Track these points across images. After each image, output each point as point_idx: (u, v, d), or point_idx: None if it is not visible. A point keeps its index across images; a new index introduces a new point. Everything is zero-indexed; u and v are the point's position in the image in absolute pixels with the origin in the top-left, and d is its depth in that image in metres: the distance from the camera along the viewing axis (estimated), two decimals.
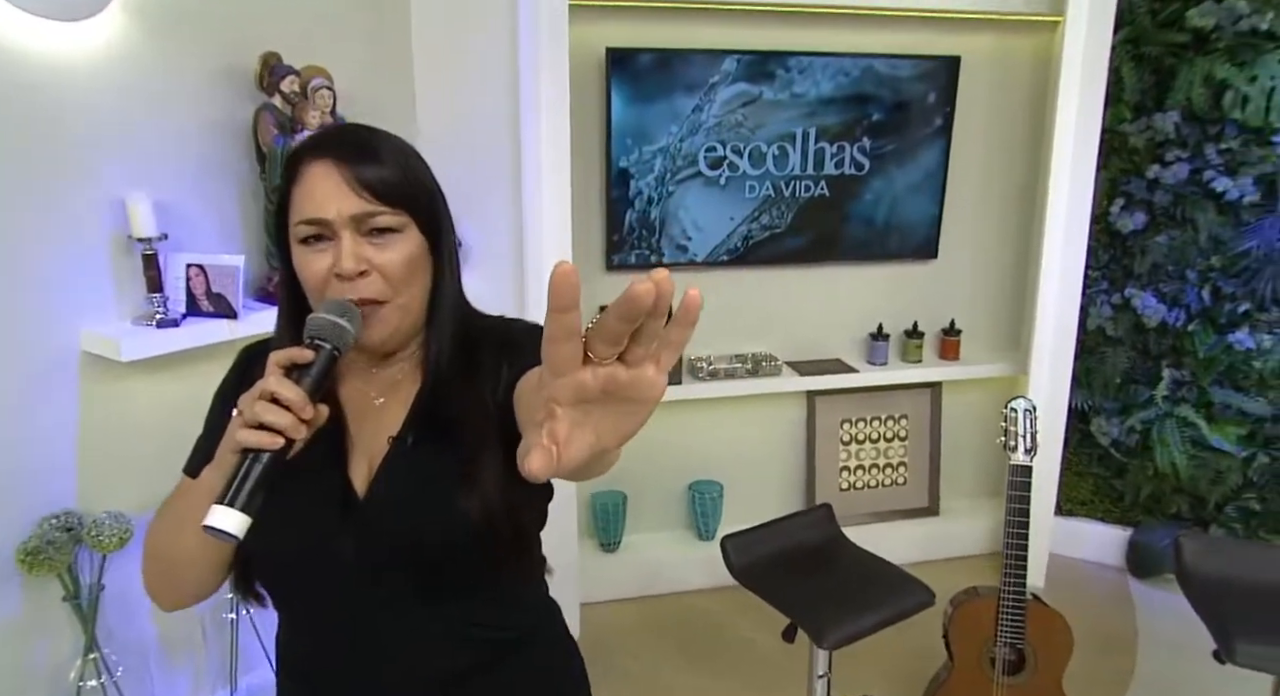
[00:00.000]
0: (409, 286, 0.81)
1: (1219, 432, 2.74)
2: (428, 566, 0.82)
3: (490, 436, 0.81)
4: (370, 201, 0.78)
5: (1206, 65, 2.54)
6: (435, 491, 0.81)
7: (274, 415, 0.68)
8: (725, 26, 2.56)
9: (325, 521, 0.82)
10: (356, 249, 0.78)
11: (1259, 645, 1.59)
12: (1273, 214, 2.56)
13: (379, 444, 0.84)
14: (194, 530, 0.75)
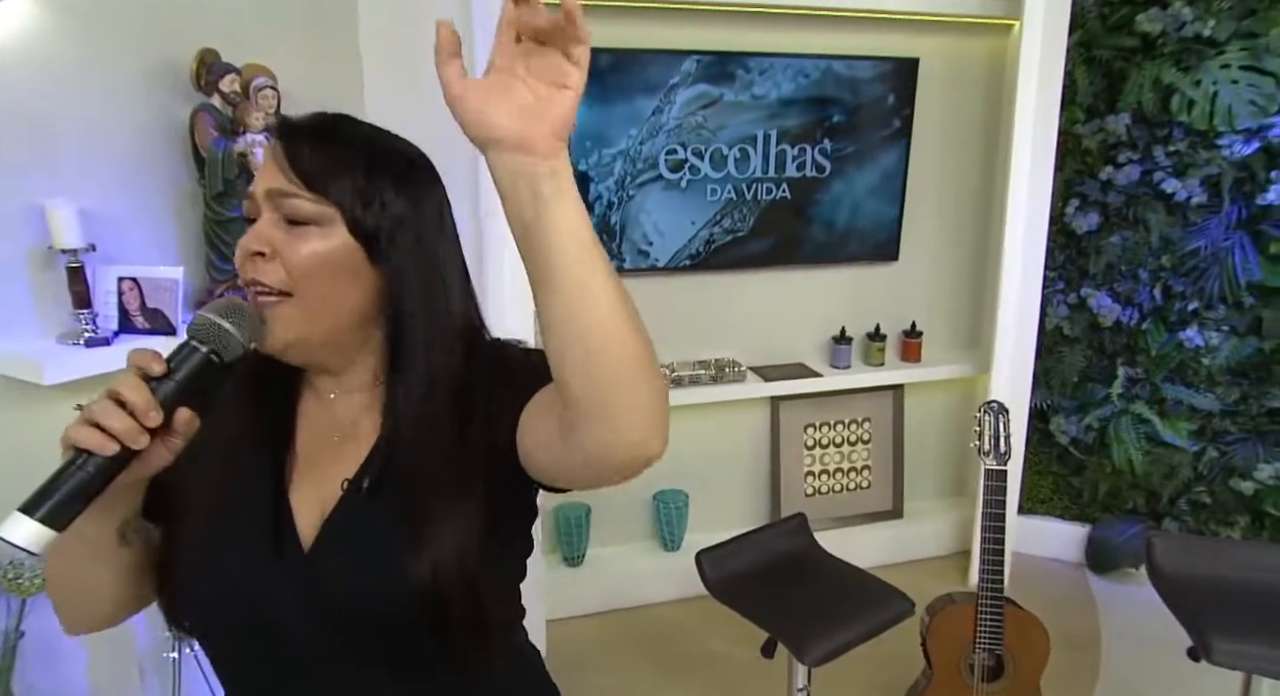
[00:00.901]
0: (316, 287, 0.70)
1: (1171, 428, 2.80)
2: (375, 634, 0.72)
3: (459, 492, 0.71)
4: (291, 182, 0.70)
5: (1154, 69, 2.59)
6: (389, 547, 0.70)
7: (110, 417, 0.59)
8: (685, 27, 2.50)
9: (261, 568, 0.72)
10: (266, 230, 0.70)
11: (1235, 643, 1.60)
12: (1218, 214, 2.62)
13: (332, 486, 0.74)
14: (74, 554, 0.71)
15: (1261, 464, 2.71)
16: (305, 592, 0.71)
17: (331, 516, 0.73)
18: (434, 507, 0.70)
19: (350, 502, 0.73)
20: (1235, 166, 2.57)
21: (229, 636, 0.75)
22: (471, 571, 0.70)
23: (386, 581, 0.70)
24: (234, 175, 1.78)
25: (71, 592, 0.74)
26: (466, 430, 0.73)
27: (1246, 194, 2.58)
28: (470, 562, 0.70)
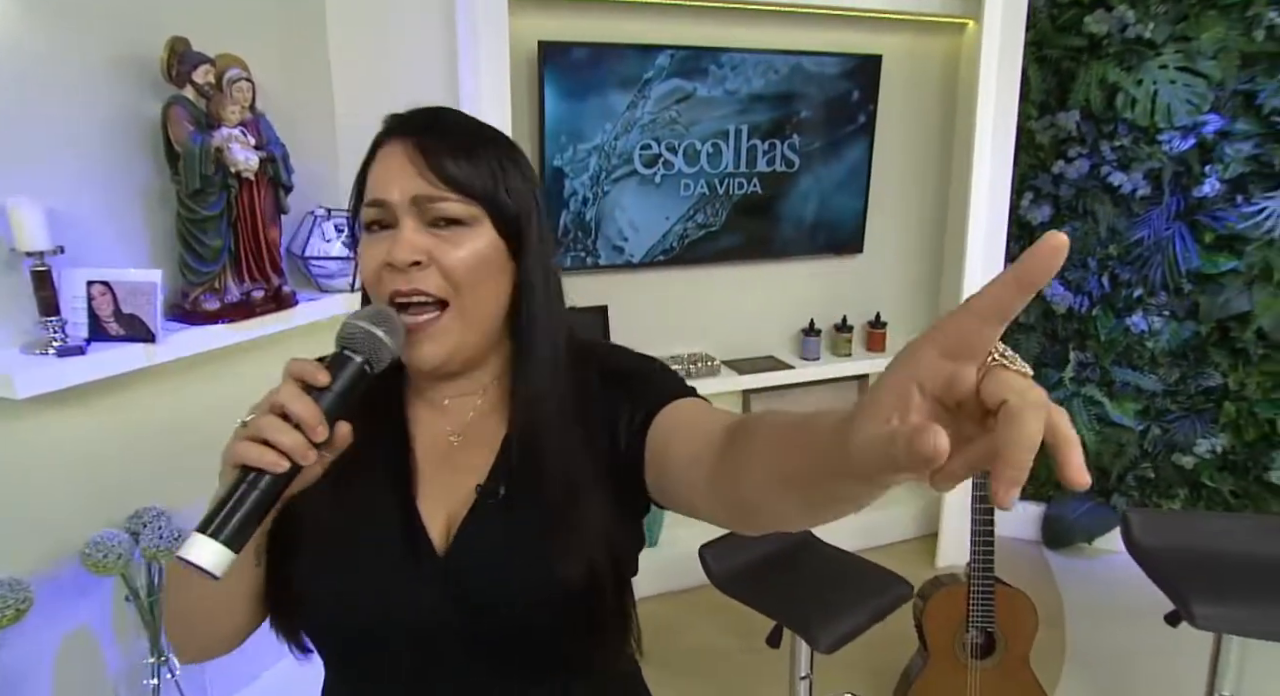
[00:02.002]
0: (474, 290, 0.69)
1: (1120, 409, 2.95)
2: (513, 636, 0.70)
3: (592, 486, 0.71)
4: (436, 185, 0.68)
5: (1101, 69, 2.72)
6: (531, 550, 0.69)
7: (280, 433, 0.57)
8: (657, 21, 2.50)
9: (397, 576, 0.70)
10: (415, 237, 0.67)
11: (1214, 607, 1.70)
12: (1159, 206, 2.78)
13: (459, 492, 0.72)
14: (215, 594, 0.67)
15: (1199, 439, 2.89)
16: (443, 598, 0.69)
17: (466, 522, 0.71)
18: (574, 507, 0.70)
19: (484, 507, 0.71)
20: (1174, 161, 2.72)
21: (362, 645, 0.72)
22: (618, 567, 0.70)
23: (533, 584, 0.69)
24: (211, 171, 1.68)
25: (202, 617, 0.71)
26: (589, 427, 0.72)
27: (1184, 187, 2.74)
28: (616, 559, 0.70)
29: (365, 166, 0.73)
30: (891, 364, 0.40)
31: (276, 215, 1.88)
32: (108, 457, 1.70)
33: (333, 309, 2.06)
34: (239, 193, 1.77)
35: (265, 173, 1.80)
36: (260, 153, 1.77)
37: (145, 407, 1.77)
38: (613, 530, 0.71)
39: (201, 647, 0.73)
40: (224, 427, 2.12)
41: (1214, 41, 2.63)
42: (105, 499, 1.70)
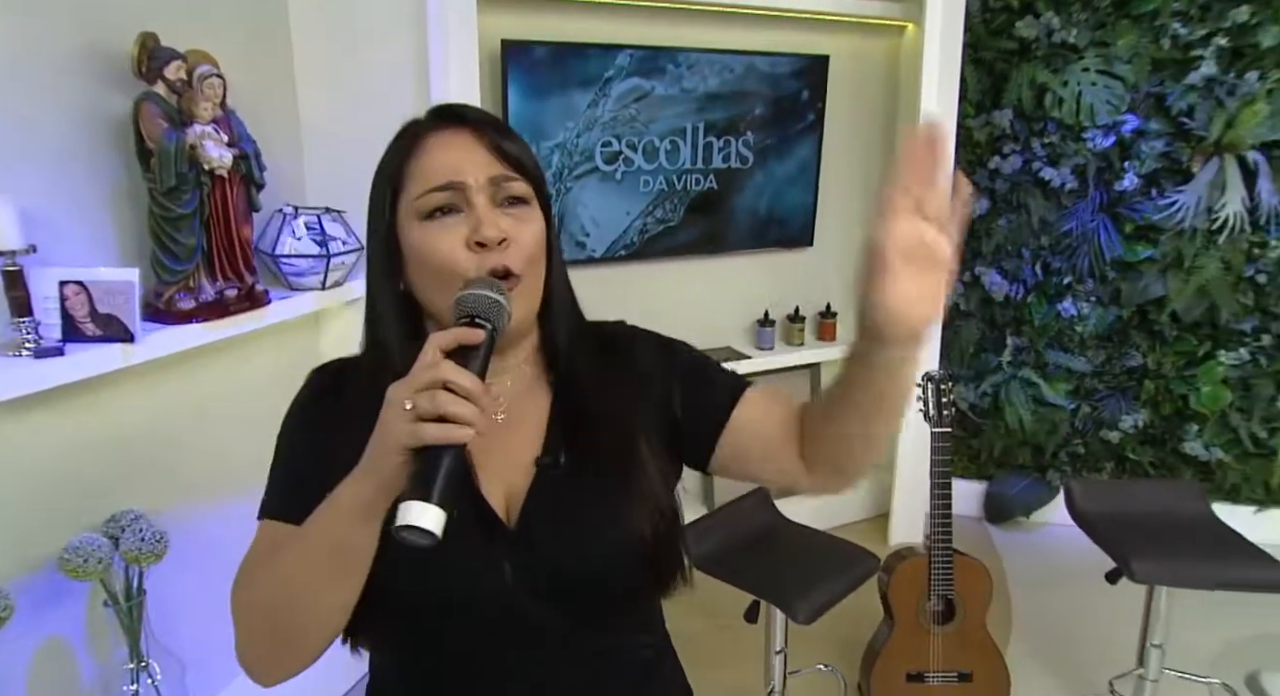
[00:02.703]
0: (537, 267, 0.75)
1: (1053, 389, 3.15)
2: (591, 592, 0.76)
3: (642, 437, 0.77)
4: (506, 166, 0.73)
5: (1031, 70, 2.90)
6: (599, 512, 0.75)
7: (458, 405, 0.58)
8: (617, 21, 2.55)
9: (474, 552, 0.73)
10: (495, 217, 0.72)
11: (1150, 563, 1.86)
12: (1085, 199, 2.98)
13: (514, 466, 0.76)
14: (327, 574, 0.66)
15: (1124, 416, 3.11)
16: (521, 568, 0.73)
17: (531, 494, 0.75)
18: (632, 462, 0.75)
19: (546, 478, 0.76)
20: (1097, 157, 2.92)
21: (445, 622, 0.75)
22: (673, 519, 0.76)
23: (607, 542, 0.74)
24: (186, 169, 1.67)
25: (298, 627, 0.69)
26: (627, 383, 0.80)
27: (1107, 181, 2.94)
28: (671, 511, 0.76)
29: (402, 161, 0.75)
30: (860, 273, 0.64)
31: (249, 213, 1.87)
32: (81, 460, 1.67)
33: (303, 307, 2.05)
34: (211, 190, 1.76)
35: (238, 170, 1.79)
36: (233, 149, 1.76)
37: (119, 409, 1.74)
38: (666, 472, 0.78)
39: (294, 665, 0.71)
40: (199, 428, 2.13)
41: (1128, 48, 2.83)
42: (79, 503, 1.66)
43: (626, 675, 0.82)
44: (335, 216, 2.09)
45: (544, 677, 0.77)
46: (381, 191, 0.76)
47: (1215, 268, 2.89)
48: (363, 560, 0.66)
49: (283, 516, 0.75)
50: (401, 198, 0.75)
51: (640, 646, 0.83)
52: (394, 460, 0.60)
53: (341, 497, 0.64)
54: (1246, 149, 2.79)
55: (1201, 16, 2.78)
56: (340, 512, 0.64)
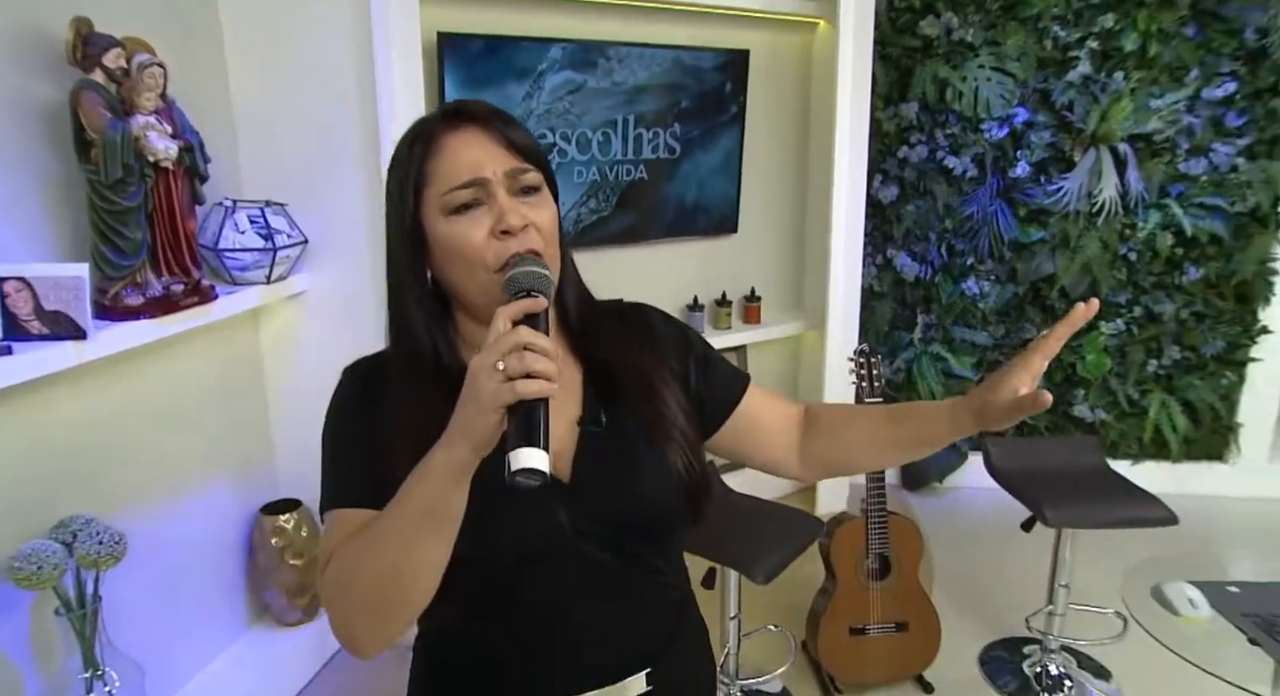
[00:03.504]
0: (554, 247, 0.82)
1: (960, 363, 3.40)
2: (643, 534, 0.85)
3: (665, 385, 0.86)
4: (520, 159, 0.79)
5: (933, 66, 3.12)
6: (645, 461, 0.83)
7: (542, 362, 0.64)
8: (549, 16, 2.60)
9: (533, 507, 0.79)
10: (516, 205, 0.78)
11: (1060, 510, 2.07)
12: (983, 186, 3.23)
13: (557, 430, 0.82)
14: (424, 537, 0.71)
15: None
16: (578, 517, 0.81)
17: (580, 452, 0.83)
18: (661, 412, 0.84)
19: (590, 437, 0.84)
20: (994, 146, 3.18)
21: (513, 571, 0.81)
22: (700, 452, 0.86)
23: (654, 486, 0.83)
24: (133, 160, 1.62)
25: (399, 596, 0.73)
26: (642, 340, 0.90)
27: (1002, 169, 3.20)
28: (698, 444, 0.86)
29: (422, 162, 0.80)
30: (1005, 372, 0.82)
31: (193, 206, 1.83)
32: (25, 465, 1.60)
33: (249, 301, 2.02)
34: (155, 183, 1.72)
35: (181, 162, 1.75)
36: (177, 141, 1.73)
37: (62, 411, 1.68)
38: (689, 410, 0.87)
39: (396, 631, 0.75)
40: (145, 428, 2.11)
41: (1017, 47, 3.09)
42: (22, 509, 1.60)
43: (664, 614, 0.91)
44: (278, 209, 2.07)
45: (594, 618, 0.84)
46: (405, 190, 0.80)
47: (1095, 247, 3.19)
48: (455, 520, 0.71)
49: (355, 503, 0.79)
50: (426, 195, 0.80)
51: (674, 588, 0.92)
52: (490, 420, 0.65)
53: (434, 463, 0.69)
54: (1118, 140, 3.10)
55: (1076, 21, 3.07)
56: (434, 478, 0.69)
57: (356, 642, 0.75)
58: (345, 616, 0.75)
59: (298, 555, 2.30)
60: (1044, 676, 2.31)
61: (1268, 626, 1.28)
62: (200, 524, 2.09)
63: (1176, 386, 3.34)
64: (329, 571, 0.76)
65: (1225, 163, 3.11)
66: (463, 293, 0.82)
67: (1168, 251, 3.19)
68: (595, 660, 0.85)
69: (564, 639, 0.84)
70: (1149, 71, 3.06)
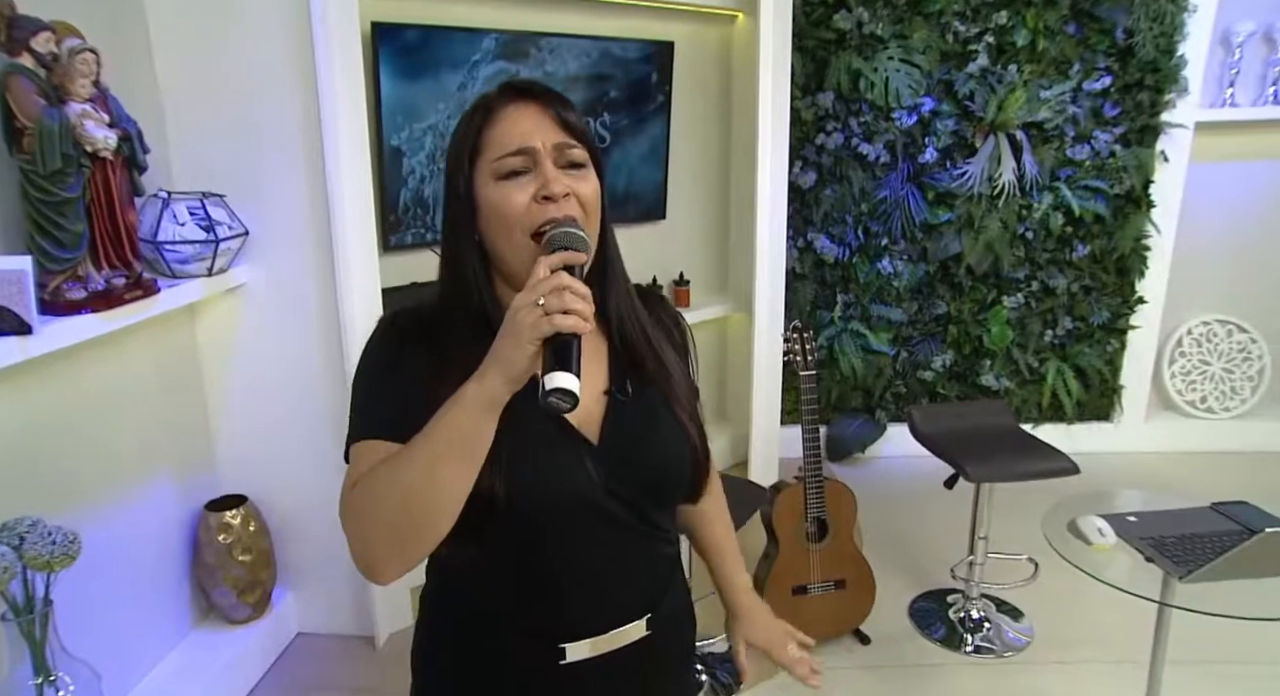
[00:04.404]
0: (593, 219, 0.88)
1: (877, 338, 3.61)
2: (658, 494, 0.93)
3: (675, 363, 0.95)
4: (568, 135, 0.86)
5: (847, 58, 3.29)
6: (667, 426, 0.92)
7: (578, 302, 0.72)
8: (484, 6, 2.62)
9: (566, 461, 0.87)
10: (559, 175, 0.85)
11: (980, 466, 2.26)
12: (895, 171, 3.43)
13: (585, 397, 0.87)
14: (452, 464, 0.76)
15: (935, 357, 3.63)
16: (608, 474, 0.88)
17: (609, 418, 0.90)
18: (674, 383, 0.93)
19: (618, 404, 0.91)
20: (904, 134, 3.38)
21: (545, 520, 0.87)
22: (704, 434, 0.95)
23: (675, 449, 0.92)
24: (70, 150, 1.58)
25: (422, 518, 0.77)
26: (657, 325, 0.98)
27: (912, 155, 3.41)
28: (702, 427, 0.95)
29: (480, 130, 0.87)
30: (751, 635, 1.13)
31: (131, 198, 1.79)
32: None
33: (191, 294, 1.99)
34: (93, 174, 1.67)
35: (120, 152, 1.71)
36: (115, 130, 1.68)
37: (2, 408, 1.62)
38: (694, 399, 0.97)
39: (416, 554, 0.80)
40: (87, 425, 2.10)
41: (922, 40, 3.30)
42: None
43: (661, 569, 0.99)
44: (217, 200, 2.03)
45: (605, 568, 0.92)
46: (461, 155, 0.88)
47: (996, 227, 3.45)
48: (483, 449, 0.77)
49: (383, 435, 0.84)
50: (479, 161, 0.87)
51: (671, 544, 1.01)
52: (528, 351, 0.72)
53: (468, 394, 0.75)
54: (1014, 128, 3.35)
55: (974, 17, 3.29)
56: (468, 407, 0.75)
57: (374, 565, 0.80)
58: (366, 538, 0.80)
59: (246, 551, 2.27)
60: (967, 620, 2.51)
61: (1159, 545, 1.48)
62: (142, 523, 2.05)
63: (1069, 354, 3.64)
64: (353, 495, 0.81)
65: (1105, 149, 3.41)
66: (500, 254, 0.88)
67: (1059, 230, 3.47)
68: (604, 606, 0.93)
69: (575, 586, 0.91)
70: (1038, 65, 3.32)
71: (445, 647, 0.98)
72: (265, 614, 2.36)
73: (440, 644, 0.99)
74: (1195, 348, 3.79)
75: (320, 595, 2.47)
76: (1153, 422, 3.80)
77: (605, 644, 0.92)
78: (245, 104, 2.10)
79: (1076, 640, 2.44)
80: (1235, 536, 1.45)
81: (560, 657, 0.91)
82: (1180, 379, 3.81)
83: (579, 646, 0.91)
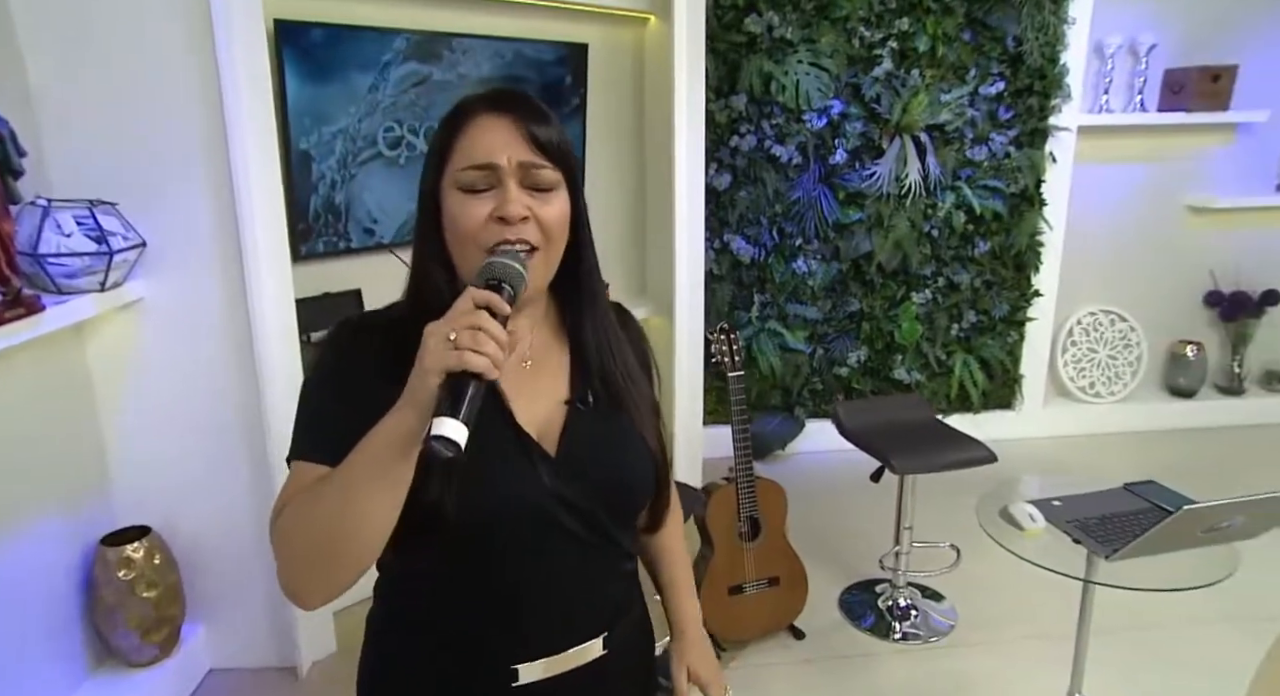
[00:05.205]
0: (556, 243, 0.85)
1: (794, 337, 3.69)
2: (617, 508, 0.90)
3: (637, 377, 0.93)
4: (537, 154, 0.82)
5: (759, 61, 3.34)
6: (628, 438, 0.90)
7: (490, 345, 0.68)
8: (390, 5, 2.52)
9: (520, 474, 0.84)
10: (521, 196, 0.81)
11: (906, 459, 2.33)
12: (807, 172, 3.51)
13: (546, 405, 0.88)
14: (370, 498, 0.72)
15: (849, 353, 3.73)
16: (564, 486, 0.85)
17: (567, 428, 0.87)
18: (637, 396, 0.90)
19: (578, 415, 0.88)
20: (814, 136, 3.46)
21: (496, 531, 0.83)
22: (663, 446, 0.93)
23: (636, 462, 0.89)
24: None
25: (346, 545, 0.74)
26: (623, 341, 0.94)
27: (823, 156, 3.50)
28: (662, 440, 0.93)
29: (451, 136, 0.83)
30: None
31: (7, 206, 1.63)
32: None
33: (83, 311, 1.83)
34: None
35: None
36: None
37: None
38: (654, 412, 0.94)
39: (339, 583, 0.75)
40: None
41: (830, 44, 3.39)
42: None
43: (618, 584, 0.96)
44: (108, 209, 1.88)
45: (561, 585, 0.89)
46: (432, 158, 0.85)
47: (905, 226, 3.57)
48: (404, 480, 0.73)
49: (317, 457, 0.79)
50: (447, 168, 0.83)
51: (629, 559, 0.98)
52: (431, 383, 0.68)
53: (385, 427, 0.71)
54: (918, 130, 3.49)
55: (878, 23, 3.41)
56: (383, 441, 0.71)
57: (297, 593, 0.77)
58: (289, 565, 0.77)
59: (150, 586, 2.11)
60: (895, 609, 2.59)
61: (1084, 527, 1.56)
62: (23, 565, 1.87)
63: (974, 346, 3.82)
64: (280, 520, 0.78)
65: (1001, 150, 3.59)
66: (458, 265, 0.85)
67: (962, 228, 3.63)
68: (559, 625, 0.90)
69: (530, 604, 0.88)
70: (938, 69, 3.47)
71: (393, 670, 0.93)
72: (173, 652, 2.20)
73: (387, 666, 0.94)
74: (1084, 337, 4.04)
75: (235, 626, 2.32)
76: (1049, 409, 4.02)
77: (560, 664, 0.89)
78: (137, 108, 1.95)
79: (998, 619, 2.55)
80: (1148, 514, 1.54)
81: (513, 679, 0.88)
82: (1072, 367, 4.05)
83: (532, 667, 0.88)
